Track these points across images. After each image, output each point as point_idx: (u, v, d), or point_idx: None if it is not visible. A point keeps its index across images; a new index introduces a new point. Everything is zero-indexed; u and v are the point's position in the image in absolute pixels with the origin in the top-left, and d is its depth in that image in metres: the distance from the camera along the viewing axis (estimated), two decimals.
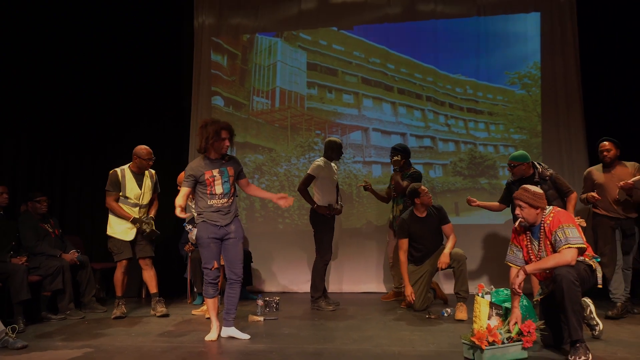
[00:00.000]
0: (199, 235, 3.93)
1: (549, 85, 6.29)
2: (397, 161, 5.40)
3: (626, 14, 5.91)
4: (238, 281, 3.99)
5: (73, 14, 6.48)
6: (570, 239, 3.21)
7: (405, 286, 4.86)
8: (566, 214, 3.40)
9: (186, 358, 3.43)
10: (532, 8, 6.40)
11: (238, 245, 3.99)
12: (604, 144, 4.65)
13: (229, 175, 3.94)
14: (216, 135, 3.83)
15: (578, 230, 3.28)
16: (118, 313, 4.79)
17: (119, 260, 4.89)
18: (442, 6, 6.56)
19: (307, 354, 3.48)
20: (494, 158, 6.39)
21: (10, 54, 5.88)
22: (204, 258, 3.96)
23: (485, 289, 3.78)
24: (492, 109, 6.45)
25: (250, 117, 6.89)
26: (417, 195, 4.87)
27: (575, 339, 3.15)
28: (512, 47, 6.44)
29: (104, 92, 6.65)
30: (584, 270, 3.26)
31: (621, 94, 5.91)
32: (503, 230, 6.02)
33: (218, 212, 3.90)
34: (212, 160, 3.92)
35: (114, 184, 4.86)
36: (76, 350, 3.66)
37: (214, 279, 3.96)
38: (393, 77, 6.65)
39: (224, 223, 3.91)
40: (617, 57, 5.94)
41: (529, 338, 3.24)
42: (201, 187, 3.90)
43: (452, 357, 3.35)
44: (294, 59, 6.87)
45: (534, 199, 3.35)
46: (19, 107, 5.95)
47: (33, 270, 4.77)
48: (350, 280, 6.41)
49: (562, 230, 3.24)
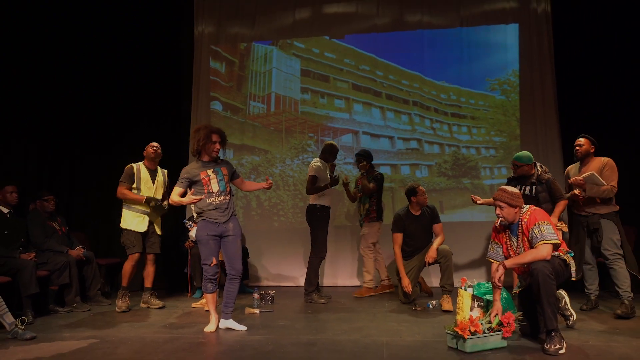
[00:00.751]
0: (198, 233, 3.92)
1: (526, 91, 6.34)
2: (364, 166, 5.55)
3: (598, 25, 5.99)
4: (237, 276, 3.99)
5: (80, 21, 6.47)
6: (546, 236, 3.24)
7: (402, 278, 4.86)
8: (542, 213, 3.42)
9: (186, 348, 3.42)
10: (511, 20, 6.46)
11: (237, 242, 3.99)
12: (578, 140, 4.54)
13: (223, 174, 3.96)
14: (207, 137, 3.88)
15: (553, 227, 3.31)
16: (124, 307, 4.74)
17: (131, 254, 4.86)
18: (428, 17, 6.60)
19: (301, 344, 3.49)
20: (476, 159, 6.43)
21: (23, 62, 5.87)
22: (203, 255, 3.94)
23: (468, 282, 3.81)
24: (474, 113, 6.49)
25: (247, 121, 6.89)
26: (414, 194, 4.88)
27: (551, 329, 3.17)
28: (492, 56, 6.49)
29: (108, 96, 6.63)
30: (558, 264, 3.30)
31: (594, 99, 5.98)
32: (485, 228, 6.06)
33: (216, 209, 3.90)
34: (205, 163, 3.96)
35: (129, 176, 4.85)
36: (82, 341, 3.65)
37: (212, 274, 3.95)
38: (382, 84, 6.67)
39: (222, 220, 3.91)
40: (590, 65, 6.01)
41: (508, 328, 3.27)
42: (199, 187, 3.90)
43: (437, 346, 3.37)
44: (289, 66, 6.87)
45: (512, 198, 3.38)
46: (28, 112, 5.94)
47: (41, 266, 4.75)
48: (342, 275, 6.43)
49: (538, 227, 3.28)
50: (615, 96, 5.90)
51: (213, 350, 3.44)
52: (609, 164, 4.38)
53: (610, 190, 4.29)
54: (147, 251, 4.98)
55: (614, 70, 5.91)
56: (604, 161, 4.41)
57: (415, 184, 4.97)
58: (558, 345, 3.13)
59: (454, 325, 3.30)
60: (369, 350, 3.30)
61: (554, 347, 3.12)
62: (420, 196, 4.89)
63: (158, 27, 6.80)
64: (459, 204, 6.35)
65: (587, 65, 6.03)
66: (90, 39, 6.55)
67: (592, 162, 4.47)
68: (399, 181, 6.51)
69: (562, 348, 3.14)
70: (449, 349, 3.28)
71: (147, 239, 4.94)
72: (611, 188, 4.29)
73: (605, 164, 4.39)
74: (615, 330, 3.71)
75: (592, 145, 4.48)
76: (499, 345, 3.28)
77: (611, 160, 4.41)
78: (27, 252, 4.70)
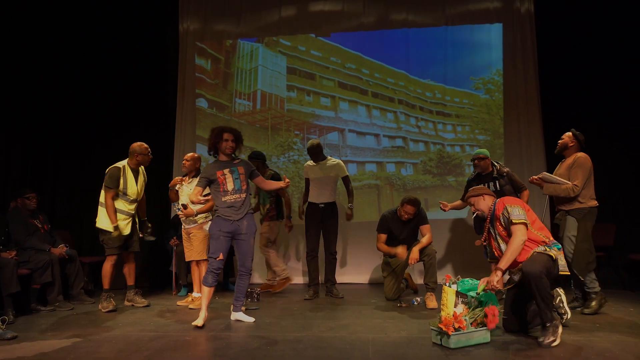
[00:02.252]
0: (211, 228, 4.04)
1: (510, 90, 6.42)
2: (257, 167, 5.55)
3: (581, 24, 6.08)
4: (248, 273, 4.09)
5: (63, 18, 6.37)
6: (513, 216, 3.40)
7: (395, 253, 4.85)
8: (510, 198, 3.58)
9: (171, 347, 3.39)
10: (495, 19, 6.52)
11: (250, 240, 4.05)
12: (564, 134, 4.41)
13: (239, 173, 4.03)
14: (218, 136, 4.00)
15: (522, 208, 3.45)
16: (110, 307, 4.63)
17: (110, 255, 4.75)
18: (413, 16, 6.63)
19: (288, 340, 3.48)
20: (461, 157, 6.49)
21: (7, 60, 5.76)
22: (212, 248, 4.00)
23: (452, 279, 3.84)
24: (458, 112, 6.54)
25: (232, 119, 6.84)
26: (402, 205, 4.84)
27: (546, 321, 3.26)
28: (477, 55, 6.55)
29: (93, 94, 6.55)
30: (547, 260, 3.33)
31: (576, 98, 6.08)
32: (470, 225, 6.11)
33: (231, 207, 3.97)
34: (222, 162, 4.05)
35: (114, 180, 4.66)
36: (65, 340, 3.60)
37: (216, 268, 3.96)
38: (367, 82, 6.69)
39: (236, 218, 3.97)
40: (573, 64, 6.11)
41: (492, 319, 3.31)
42: (215, 186, 4.00)
43: (422, 342, 3.39)
44: (275, 64, 6.85)
45: (474, 190, 3.73)
46: (11, 108, 5.81)
47: (23, 264, 4.66)
48: None
49: (506, 210, 3.46)
50: (598, 95, 6.01)
51: (199, 348, 3.42)
52: (577, 161, 4.20)
53: (571, 189, 4.14)
54: (128, 249, 4.89)
55: (596, 69, 6.02)
56: (575, 157, 4.25)
57: (408, 199, 4.84)
58: (552, 338, 3.22)
59: (438, 321, 3.33)
60: (355, 347, 3.31)
61: (547, 340, 3.21)
62: (403, 211, 4.82)
63: (143, 23, 6.72)
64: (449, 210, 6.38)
65: (570, 64, 6.12)
66: (73, 37, 6.46)
67: (569, 157, 4.33)
68: (384, 179, 6.53)
69: (556, 340, 3.21)
70: (434, 345, 3.31)
71: (127, 237, 4.85)
72: (572, 187, 4.13)
73: (574, 161, 4.23)
74: (596, 325, 3.78)
75: (573, 140, 4.33)
76: (483, 341, 3.32)
77: (582, 157, 4.22)
78: (7, 251, 4.61)
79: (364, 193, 6.48)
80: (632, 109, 5.83)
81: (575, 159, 4.23)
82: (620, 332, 3.57)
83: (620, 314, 4.19)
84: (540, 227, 3.53)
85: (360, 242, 6.36)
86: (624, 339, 3.40)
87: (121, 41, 6.64)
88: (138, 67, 6.67)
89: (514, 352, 3.14)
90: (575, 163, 4.21)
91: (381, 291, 5.33)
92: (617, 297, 4.87)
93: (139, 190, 4.88)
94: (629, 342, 3.31)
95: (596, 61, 6.02)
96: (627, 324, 3.84)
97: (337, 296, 5.20)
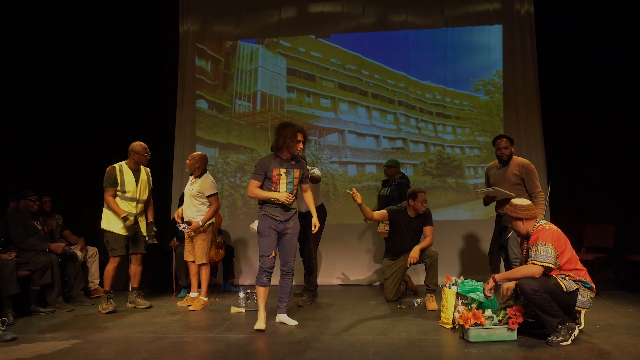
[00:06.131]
0: (260, 226, 3.95)
1: (510, 91, 6.41)
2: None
3: (580, 26, 6.08)
4: (290, 272, 4.05)
5: (63, 17, 6.34)
6: (538, 257, 3.30)
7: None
8: (546, 232, 3.37)
9: (171, 348, 3.40)
10: (495, 21, 6.52)
11: (293, 239, 4.04)
12: (501, 141, 4.52)
13: (294, 176, 3.98)
14: (293, 136, 3.89)
15: (554, 248, 3.30)
16: (110, 308, 4.63)
17: (114, 256, 4.75)
18: (413, 17, 6.63)
19: (286, 342, 3.49)
20: (461, 159, 6.49)
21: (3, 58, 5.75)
22: (262, 247, 3.92)
23: (452, 280, 3.85)
24: (458, 113, 6.55)
25: (232, 120, 6.85)
26: (414, 198, 4.82)
27: (555, 325, 3.26)
28: (477, 57, 6.55)
29: (92, 94, 6.53)
30: (553, 284, 3.29)
31: (576, 99, 6.08)
32: (469, 226, 6.12)
33: (279, 207, 3.94)
34: (282, 160, 3.97)
35: (111, 179, 4.69)
36: (64, 342, 3.60)
37: (269, 267, 3.92)
38: (367, 83, 6.69)
39: (283, 219, 3.94)
40: (572, 66, 6.11)
41: (514, 320, 3.34)
42: (267, 183, 3.94)
43: (422, 344, 3.39)
44: (275, 65, 6.85)
45: (515, 211, 3.50)
46: (8, 108, 5.80)
47: (22, 266, 4.66)
48: (326, 274, 6.41)
49: (535, 246, 3.35)
50: (597, 96, 6.01)
51: (198, 349, 3.42)
52: (526, 172, 4.36)
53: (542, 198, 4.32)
54: (131, 251, 4.88)
55: (596, 70, 6.02)
56: (521, 164, 4.41)
57: (418, 189, 4.88)
58: (561, 338, 3.24)
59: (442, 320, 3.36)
60: (354, 349, 3.31)
61: (556, 339, 3.24)
62: (419, 202, 4.80)
63: (143, 24, 6.71)
64: (444, 203, 6.40)
65: (570, 66, 6.13)
66: (73, 36, 6.44)
67: (512, 162, 4.48)
68: None
69: (566, 340, 3.23)
70: (435, 346, 3.31)
71: (131, 239, 4.86)
72: (538, 194, 4.32)
73: (520, 169, 4.38)
74: (595, 327, 3.78)
75: (512, 145, 4.54)
76: (508, 339, 3.34)
77: (529, 165, 4.41)
78: (7, 252, 4.62)
79: (364, 194, 6.41)
80: (632, 110, 5.83)
81: (524, 168, 4.39)
82: (619, 334, 3.57)
83: (619, 315, 4.19)
84: (574, 261, 3.40)
85: (360, 244, 6.36)
86: (623, 340, 3.40)
87: (121, 43, 6.63)
88: (138, 69, 6.66)
89: (514, 351, 3.14)
90: (525, 173, 4.38)
91: (381, 293, 5.33)
92: (616, 298, 4.87)
93: (140, 190, 4.88)
94: (628, 344, 3.31)
95: (596, 62, 6.02)
96: (626, 325, 3.84)
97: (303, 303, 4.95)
